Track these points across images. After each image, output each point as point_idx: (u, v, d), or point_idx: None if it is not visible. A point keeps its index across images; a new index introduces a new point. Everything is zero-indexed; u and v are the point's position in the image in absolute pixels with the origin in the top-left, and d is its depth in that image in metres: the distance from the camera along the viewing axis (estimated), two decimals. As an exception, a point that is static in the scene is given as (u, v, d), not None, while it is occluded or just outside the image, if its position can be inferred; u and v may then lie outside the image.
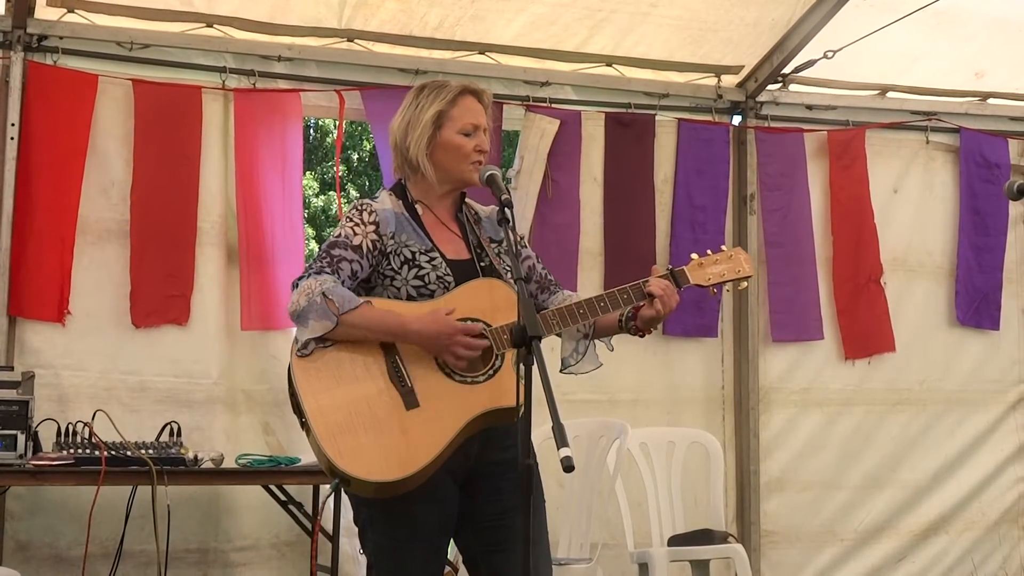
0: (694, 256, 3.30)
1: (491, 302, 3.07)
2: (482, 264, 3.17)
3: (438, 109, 3.19)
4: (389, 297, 3.09)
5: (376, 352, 3.02)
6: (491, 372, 3.01)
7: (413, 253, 3.11)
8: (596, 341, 3.30)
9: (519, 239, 3.33)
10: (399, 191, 3.24)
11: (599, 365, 3.30)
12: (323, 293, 2.98)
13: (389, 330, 3.00)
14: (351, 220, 3.14)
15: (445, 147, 3.19)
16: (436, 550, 3.09)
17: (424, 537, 3.04)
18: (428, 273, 3.09)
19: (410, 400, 2.97)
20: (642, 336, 3.24)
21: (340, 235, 3.12)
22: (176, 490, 4.72)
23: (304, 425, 2.98)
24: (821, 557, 6.34)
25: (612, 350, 3.34)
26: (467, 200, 3.30)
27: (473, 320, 3.04)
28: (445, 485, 3.03)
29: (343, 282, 3.05)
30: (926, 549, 6.52)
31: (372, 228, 3.12)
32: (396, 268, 3.10)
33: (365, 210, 3.15)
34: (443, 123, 3.18)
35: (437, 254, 3.12)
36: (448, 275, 3.10)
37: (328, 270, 3.05)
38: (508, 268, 3.18)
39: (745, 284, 3.35)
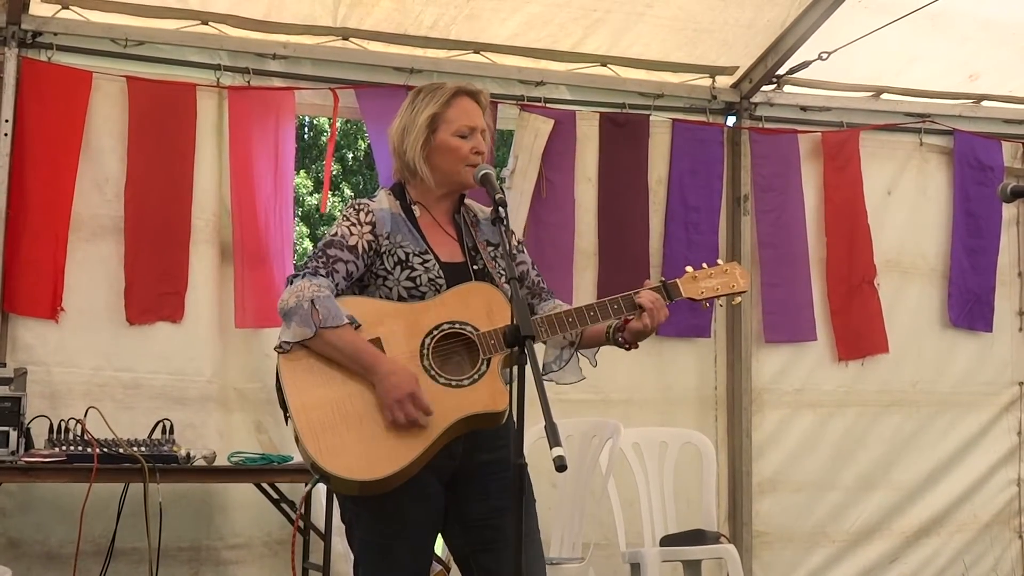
0: (688, 269, 3.26)
1: (480, 306, 3.06)
2: (475, 267, 3.16)
3: (433, 112, 3.18)
4: (381, 296, 3.09)
5: None
6: (476, 376, 3.01)
7: (407, 254, 3.10)
8: (580, 354, 3.28)
9: (517, 243, 3.33)
10: (398, 192, 3.23)
11: (581, 378, 3.27)
12: (312, 300, 2.97)
13: (359, 362, 2.97)
14: (348, 219, 3.13)
15: (441, 149, 3.18)
16: (423, 547, 3.09)
17: (411, 534, 3.04)
18: (420, 275, 3.08)
19: None
20: (628, 349, 3.20)
21: (336, 234, 3.11)
22: (168, 488, 4.72)
23: (288, 421, 2.99)
24: (813, 558, 6.35)
25: (595, 365, 3.30)
26: (466, 202, 3.29)
27: (461, 324, 3.04)
28: (430, 483, 3.03)
29: (337, 284, 3.05)
30: (918, 551, 6.52)
31: (368, 228, 3.11)
32: (389, 268, 3.09)
33: (362, 210, 3.15)
34: (438, 125, 3.17)
35: (431, 256, 3.11)
36: (440, 277, 3.09)
37: (323, 271, 3.05)
38: (502, 272, 3.17)
39: (739, 300, 3.32)
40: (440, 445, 2.97)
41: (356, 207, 3.16)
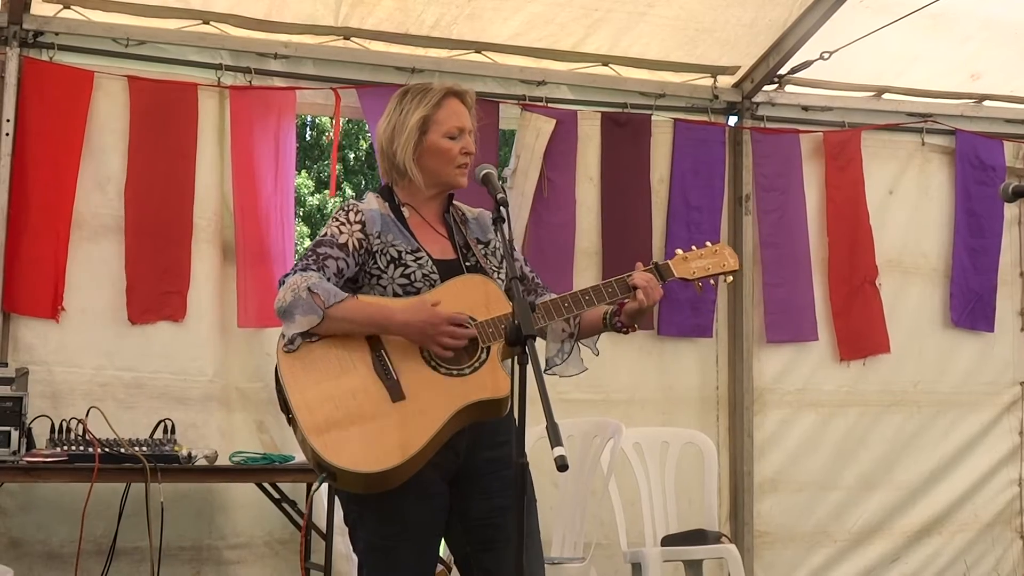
0: (679, 251, 3.31)
1: (476, 297, 3.09)
2: (467, 264, 3.19)
3: (423, 114, 3.20)
4: (376, 295, 3.11)
5: (362, 346, 3.04)
6: (477, 365, 3.03)
7: (399, 252, 3.13)
8: (581, 345, 3.30)
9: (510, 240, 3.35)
10: (386, 193, 3.27)
11: (584, 369, 3.30)
12: (308, 288, 3.01)
13: (375, 322, 3.02)
14: (337, 220, 3.17)
15: (431, 151, 3.21)
16: (427, 548, 3.10)
17: (415, 535, 3.04)
18: (414, 271, 3.11)
19: (396, 393, 2.98)
20: (626, 332, 3.23)
21: (326, 234, 3.15)
22: (170, 487, 4.72)
23: (291, 420, 3.00)
24: (814, 558, 6.34)
25: (597, 354, 3.33)
26: (454, 202, 3.32)
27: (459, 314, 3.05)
28: (434, 482, 3.04)
29: (328, 279, 3.07)
30: (919, 550, 6.52)
31: (358, 227, 3.14)
32: (383, 267, 3.12)
33: (351, 210, 3.18)
34: (428, 127, 3.20)
35: (423, 253, 3.14)
36: (434, 273, 3.12)
37: (314, 267, 3.08)
38: (495, 268, 3.21)
39: (731, 278, 3.35)
40: (445, 435, 2.98)
41: (345, 208, 3.20)
